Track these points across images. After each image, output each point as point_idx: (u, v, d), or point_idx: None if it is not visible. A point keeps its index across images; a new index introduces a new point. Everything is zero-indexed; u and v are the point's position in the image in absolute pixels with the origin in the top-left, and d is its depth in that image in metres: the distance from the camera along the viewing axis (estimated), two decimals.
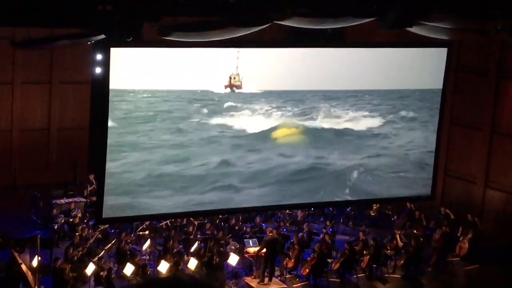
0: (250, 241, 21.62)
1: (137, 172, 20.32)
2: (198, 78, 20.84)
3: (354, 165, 22.61)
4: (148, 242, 21.39)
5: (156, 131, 20.57)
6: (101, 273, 19.64)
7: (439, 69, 23.05)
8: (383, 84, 22.91)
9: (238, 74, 21.40)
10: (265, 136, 21.84)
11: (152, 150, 20.48)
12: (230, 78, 21.36)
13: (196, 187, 20.98)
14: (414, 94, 23.36)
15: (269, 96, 22.00)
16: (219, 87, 21.22)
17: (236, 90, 21.44)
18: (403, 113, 23.22)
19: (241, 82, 21.47)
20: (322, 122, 22.35)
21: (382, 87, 22.97)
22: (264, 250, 20.85)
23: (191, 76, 20.70)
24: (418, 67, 22.99)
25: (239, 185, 21.40)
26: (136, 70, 19.81)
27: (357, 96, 22.83)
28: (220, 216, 23.06)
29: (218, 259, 20.79)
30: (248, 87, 21.54)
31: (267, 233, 21.39)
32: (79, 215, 22.94)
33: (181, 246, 21.63)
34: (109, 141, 19.66)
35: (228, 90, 21.40)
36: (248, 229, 22.89)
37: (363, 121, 22.74)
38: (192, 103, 21.21)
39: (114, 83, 19.38)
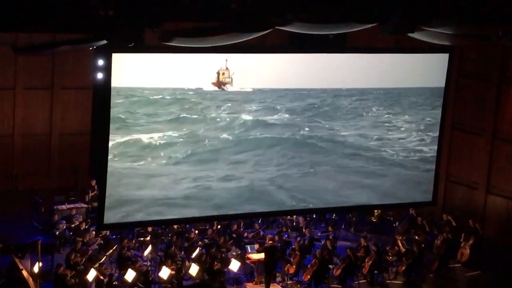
0: (252, 247, 21.59)
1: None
2: (199, 81, 20.68)
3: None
4: (150, 248, 21.37)
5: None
6: (102, 279, 19.61)
7: (441, 74, 23.04)
8: (384, 89, 22.90)
9: (227, 69, 19.92)
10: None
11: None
12: (218, 74, 19.72)
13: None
14: (416, 99, 23.32)
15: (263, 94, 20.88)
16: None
17: (227, 89, 20.29)
18: (404, 118, 23.19)
19: (232, 79, 20.28)
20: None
21: (383, 92, 22.96)
22: (263, 256, 20.81)
23: (192, 80, 20.61)
24: (419, 73, 22.98)
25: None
26: (138, 76, 19.78)
27: (358, 100, 22.81)
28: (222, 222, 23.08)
29: (219, 265, 20.76)
30: (238, 85, 20.08)
31: (267, 240, 21.36)
32: (81, 220, 22.93)
33: (183, 252, 21.60)
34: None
35: (216, 88, 19.78)
36: (250, 235, 22.88)
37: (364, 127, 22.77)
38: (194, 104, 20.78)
39: (116, 89, 19.37)
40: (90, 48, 19.83)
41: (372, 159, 22.94)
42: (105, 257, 20.76)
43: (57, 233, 22.45)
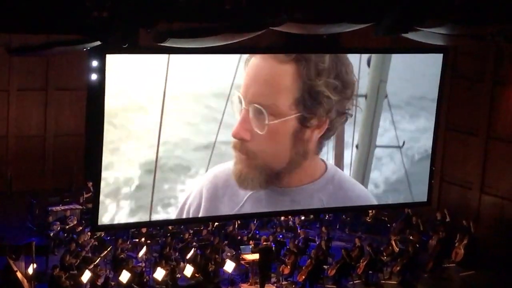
0: (247, 248, 21.59)
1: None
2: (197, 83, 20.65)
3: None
4: (144, 249, 21.35)
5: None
6: (97, 281, 19.59)
7: (435, 75, 23.05)
8: (378, 90, 22.87)
9: None
10: None
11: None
12: None
13: None
14: (409, 100, 23.30)
15: None
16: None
17: None
18: (397, 119, 23.16)
19: None
20: None
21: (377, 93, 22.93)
22: (258, 257, 20.81)
23: (189, 81, 20.55)
24: (413, 73, 22.97)
25: None
26: (132, 77, 19.72)
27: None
28: (216, 223, 23.06)
29: (214, 266, 20.76)
30: None
31: (262, 241, 21.36)
32: (75, 222, 22.91)
33: (178, 253, 21.59)
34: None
35: None
36: (244, 237, 22.87)
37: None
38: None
39: (110, 90, 19.33)
40: (84, 49, 19.82)
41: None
42: (99, 258, 20.75)
43: (52, 234, 22.41)
